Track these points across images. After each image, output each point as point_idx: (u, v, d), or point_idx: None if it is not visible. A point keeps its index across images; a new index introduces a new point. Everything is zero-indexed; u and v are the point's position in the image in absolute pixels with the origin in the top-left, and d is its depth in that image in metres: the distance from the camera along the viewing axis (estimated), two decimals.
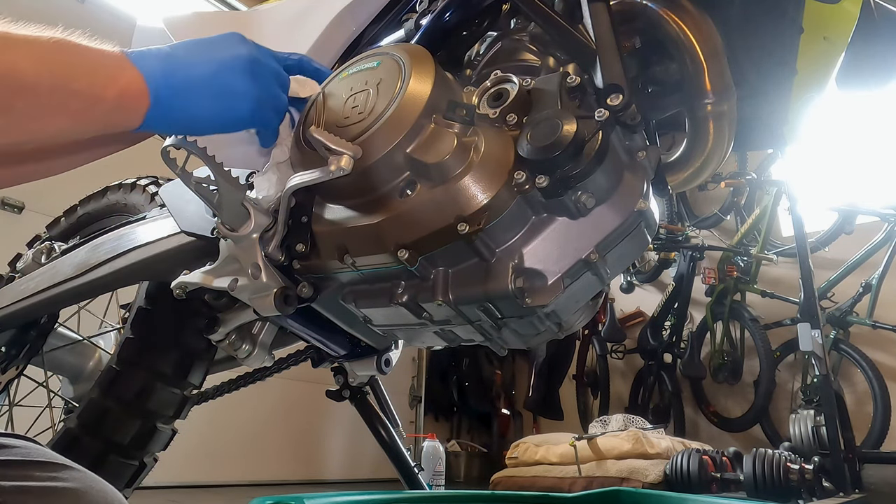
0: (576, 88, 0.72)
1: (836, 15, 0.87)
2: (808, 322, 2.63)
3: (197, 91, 0.65)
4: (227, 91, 0.68)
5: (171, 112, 0.64)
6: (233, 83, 0.68)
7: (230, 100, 0.68)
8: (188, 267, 0.89)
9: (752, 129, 0.97)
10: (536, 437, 3.38)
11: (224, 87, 0.68)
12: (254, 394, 1.99)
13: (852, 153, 4.15)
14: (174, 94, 0.64)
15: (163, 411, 1.21)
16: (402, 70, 0.74)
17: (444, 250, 0.70)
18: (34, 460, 0.56)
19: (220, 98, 0.67)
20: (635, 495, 1.17)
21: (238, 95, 0.69)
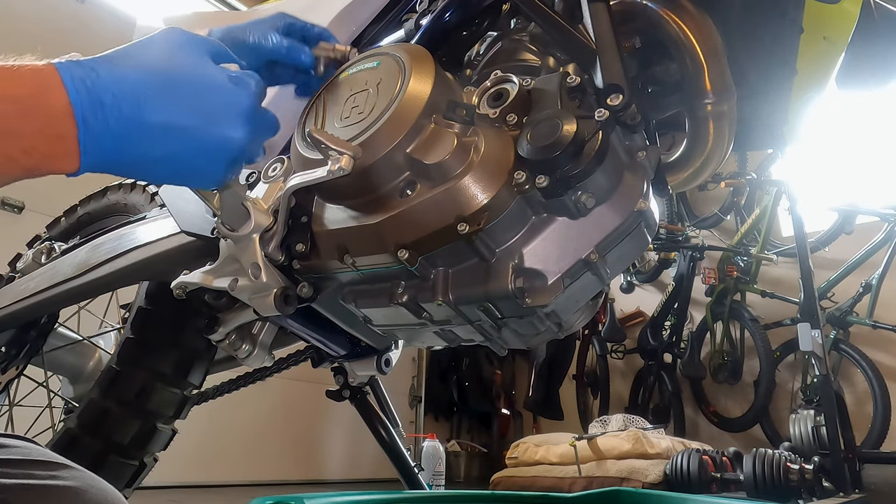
0: (576, 88, 0.72)
1: (836, 15, 0.87)
2: (808, 322, 2.63)
3: (148, 148, 0.52)
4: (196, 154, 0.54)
5: (110, 166, 0.51)
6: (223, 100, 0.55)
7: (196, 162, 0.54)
8: (188, 267, 0.89)
9: (752, 129, 0.97)
10: (536, 437, 3.38)
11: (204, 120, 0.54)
12: (254, 394, 1.99)
13: (852, 153, 4.15)
14: (116, 154, 0.50)
15: (163, 411, 1.21)
16: (402, 70, 0.74)
17: (444, 250, 0.70)
18: (34, 459, 0.56)
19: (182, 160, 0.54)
20: (635, 495, 1.17)
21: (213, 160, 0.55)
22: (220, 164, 0.56)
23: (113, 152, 0.49)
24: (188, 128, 0.53)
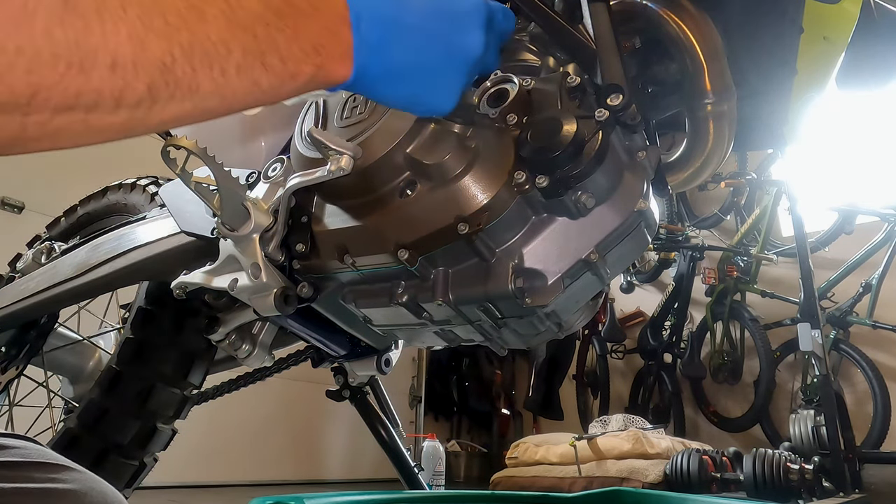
0: (576, 88, 0.72)
1: (836, 15, 0.87)
2: (808, 322, 2.63)
3: (408, 78, 0.54)
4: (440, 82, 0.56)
5: (368, 90, 0.53)
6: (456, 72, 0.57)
7: (439, 92, 0.57)
8: (188, 267, 0.89)
9: (752, 129, 0.96)
10: (536, 437, 3.38)
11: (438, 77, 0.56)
12: (254, 394, 1.99)
13: (852, 153, 4.15)
14: (381, 79, 0.53)
15: (163, 411, 1.21)
16: None
17: (444, 250, 0.70)
18: (34, 461, 0.55)
19: (428, 89, 0.56)
20: (635, 495, 1.17)
21: (451, 86, 0.58)
22: (462, 71, 0.58)
23: (373, 55, 0.51)
24: (437, 32, 0.55)
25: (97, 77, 0.36)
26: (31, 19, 0.33)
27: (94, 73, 0.36)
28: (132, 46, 0.37)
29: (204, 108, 0.42)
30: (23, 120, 0.36)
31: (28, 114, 0.35)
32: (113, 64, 0.36)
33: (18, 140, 0.37)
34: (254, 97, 0.45)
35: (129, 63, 0.37)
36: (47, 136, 0.38)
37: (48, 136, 0.38)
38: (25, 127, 0.36)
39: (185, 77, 0.40)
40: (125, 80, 0.37)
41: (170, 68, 0.38)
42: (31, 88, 0.34)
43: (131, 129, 0.41)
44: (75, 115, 0.37)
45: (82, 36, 0.35)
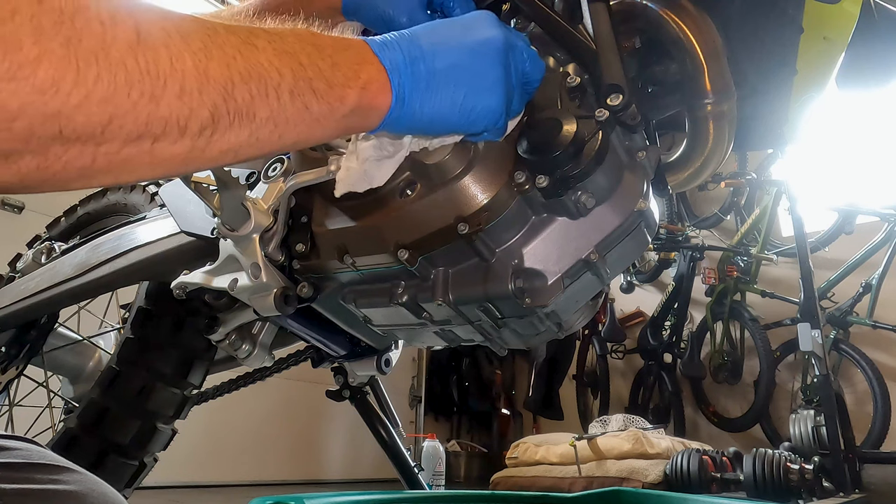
0: (576, 88, 0.72)
1: (836, 15, 0.87)
2: (808, 322, 2.63)
3: (441, 89, 0.56)
4: (475, 90, 0.58)
5: (412, 113, 0.55)
6: (484, 80, 0.58)
7: (477, 100, 0.58)
8: (188, 267, 0.89)
9: (752, 129, 0.96)
10: (536, 437, 3.38)
11: (473, 83, 0.58)
12: (254, 394, 1.99)
13: (852, 153, 4.15)
14: (415, 95, 0.54)
15: (163, 411, 1.21)
16: None
17: (444, 250, 0.70)
18: (35, 463, 0.55)
19: (466, 101, 0.57)
20: (635, 495, 1.17)
21: (486, 97, 0.58)
22: (499, 100, 0.60)
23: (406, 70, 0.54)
24: (468, 66, 0.58)
25: (166, 104, 0.38)
26: (109, 50, 0.36)
27: (163, 100, 0.38)
28: (197, 74, 0.39)
29: (259, 137, 0.45)
30: (95, 150, 0.37)
31: (101, 143, 0.37)
32: (181, 91, 0.39)
33: (86, 172, 0.39)
34: (306, 125, 0.47)
35: (195, 90, 0.39)
36: (114, 169, 0.39)
37: (115, 167, 0.39)
38: (96, 158, 0.38)
39: (244, 102, 0.42)
40: (191, 106, 0.39)
41: (231, 94, 0.41)
42: (107, 116, 0.36)
43: (190, 162, 0.43)
44: (143, 144, 0.39)
45: (153, 65, 0.37)
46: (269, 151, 0.47)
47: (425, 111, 0.55)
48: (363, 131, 0.55)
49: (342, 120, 0.50)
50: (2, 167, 0.36)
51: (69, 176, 0.39)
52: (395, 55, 0.54)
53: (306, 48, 0.47)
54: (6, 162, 0.36)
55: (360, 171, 0.66)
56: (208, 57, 0.40)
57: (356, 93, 0.50)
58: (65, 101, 0.35)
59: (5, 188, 0.38)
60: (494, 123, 0.61)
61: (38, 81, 0.34)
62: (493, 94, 0.59)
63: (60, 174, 0.38)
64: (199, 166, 0.44)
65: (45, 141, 0.36)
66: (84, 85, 0.35)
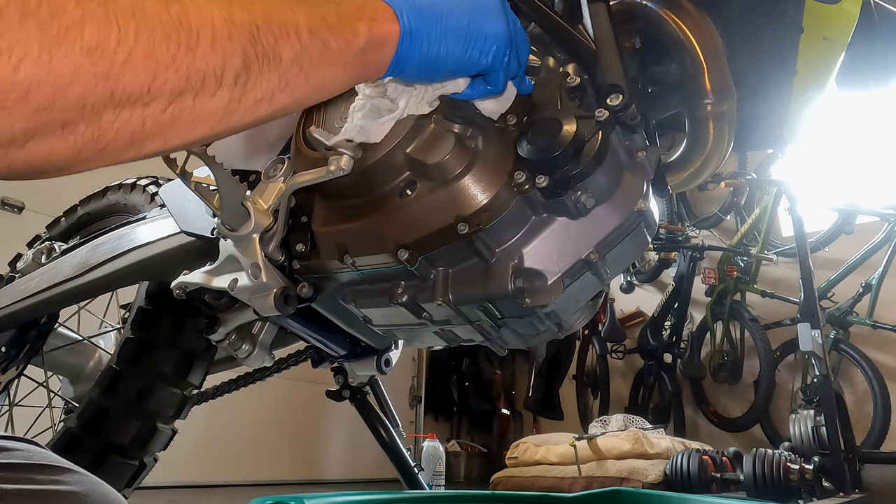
0: (576, 88, 0.72)
1: (836, 15, 0.87)
2: (808, 322, 2.62)
3: (445, 16, 0.57)
4: (479, 15, 0.59)
5: (420, 48, 0.56)
6: (485, 7, 0.60)
7: (482, 25, 0.59)
8: (188, 267, 0.89)
9: (752, 129, 0.97)
10: (536, 437, 3.38)
11: (476, 10, 0.59)
12: (254, 394, 1.99)
13: (852, 153, 4.15)
14: (422, 23, 0.55)
15: (163, 411, 1.21)
16: None
17: (444, 250, 0.70)
18: (36, 463, 0.55)
19: (472, 26, 0.59)
20: (635, 495, 1.17)
21: (490, 22, 0.60)
22: (504, 26, 0.61)
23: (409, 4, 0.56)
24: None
25: (201, 54, 0.40)
26: (143, 7, 0.37)
27: (198, 50, 0.39)
28: (224, 21, 0.41)
29: (287, 80, 0.46)
30: (143, 113, 0.39)
31: (148, 103, 0.39)
32: (212, 39, 0.40)
33: (137, 137, 0.40)
34: (327, 63, 0.49)
35: (224, 37, 0.41)
36: (162, 130, 0.41)
37: (163, 128, 0.41)
38: (145, 121, 0.39)
39: (270, 45, 0.44)
40: (224, 54, 0.41)
41: (257, 38, 0.43)
42: (151, 73, 0.38)
43: (230, 114, 0.44)
44: (185, 100, 0.40)
45: (184, 17, 0.39)
46: (299, 97, 0.48)
47: (433, 39, 0.57)
48: (380, 69, 0.55)
49: (359, 55, 0.52)
50: (59, 140, 0.37)
51: (121, 143, 0.39)
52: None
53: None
54: (63, 133, 0.37)
55: (355, 125, 0.68)
56: (230, 4, 0.42)
57: (366, 25, 0.51)
58: (112, 59, 0.36)
59: (61, 164, 0.39)
60: (503, 54, 0.61)
61: (84, 43, 0.34)
62: (498, 19, 0.61)
63: (113, 143, 0.39)
64: (239, 119, 0.45)
65: (98, 107, 0.37)
66: (126, 42, 0.36)
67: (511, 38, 0.62)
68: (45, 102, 0.34)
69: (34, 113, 0.35)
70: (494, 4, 0.62)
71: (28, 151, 0.36)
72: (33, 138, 0.36)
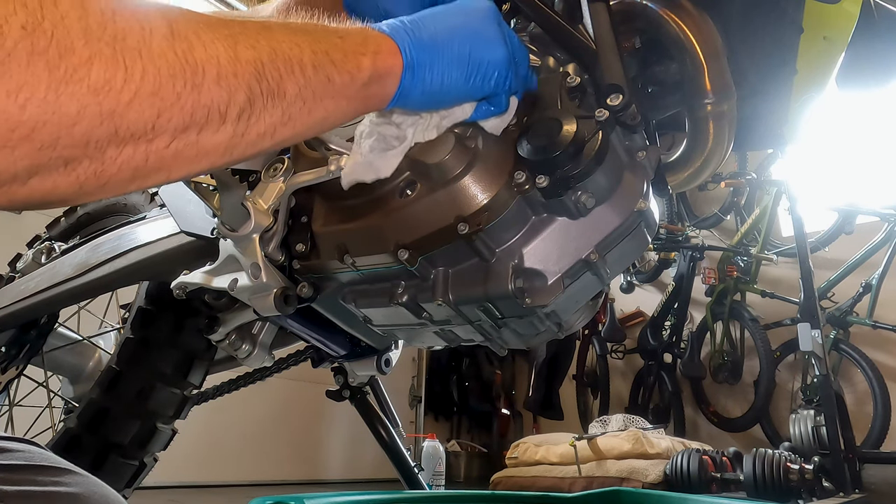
0: (576, 88, 0.72)
1: (835, 15, 0.87)
2: (808, 322, 2.63)
3: (446, 48, 0.58)
4: (479, 44, 0.60)
5: (423, 80, 0.56)
6: (484, 35, 0.61)
7: (483, 53, 0.60)
8: (188, 267, 0.89)
9: (752, 129, 0.96)
10: (536, 437, 3.38)
11: (476, 39, 0.60)
12: (254, 394, 1.99)
13: (852, 153, 4.15)
14: (424, 55, 0.56)
15: (163, 411, 1.21)
16: None
17: (444, 250, 0.70)
18: (36, 465, 0.55)
19: (473, 55, 0.60)
20: (635, 495, 1.17)
21: (490, 50, 0.61)
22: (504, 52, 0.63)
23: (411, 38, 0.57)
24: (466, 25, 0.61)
25: (206, 91, 0.40)
26: (150, 46, 0.37)
27: (203, 87, 0.40)
28: (229, 59, 0.41)
29: (290, 115, 0.46)
30: (147, 148, 0.39)
31: (152, 140, 0.39)
32: (218, 76, 0.40)
33: (139, 172, 0.40)
34: (331, 97, 0.49)
35: (230, 73, 0.41)
36: (164, 165, 0.41)
37: (166, 164, 0.41)
38: (148, 156, 0.39)
39: (274, 81, 0.44)
40: (229, 91, 0.41)
41: (262, 75, 0.43)
42: (156, 111, 0.38)
43: (232, 149, 0.44)
44: (189, 136, 0.40)
45: (189, 55, 0.39)
46: (301, 130, 0.49)
47: (436, 71, 0.57)
48: (383, 101, 0.56)
49: (363, 89, 0.52)
50: (62, 176, 0.37)
51: (123, 177, 0.40)
52: (395, 24, 0.57)
53: (316, 27, 0.50)
54: (66, 170, 0.37)
55: (365, 162, 0.67)
56: (236, 42, 0.42)
57: (370, 59, 0.52)
58: (118, 98, 0.36)
59: (63, 198, 0.39)
60: (505, 78, 0.62)
61: (92, 82, 0.35)
62: (497, 45, 0.61)
63: (115, 177, 0.39)
64: (241, 153, 0.45)
65: (102, 143, 0.37)
66: (133, 81, 0.36)
67: (511, 59, 0.63)
68: (49, 141, 0.35)
69: (38, 151, 0.35)
70: (493, 31, 0.62)
71: (30, 187, 0.36)
72: (36, 175, 0.36)
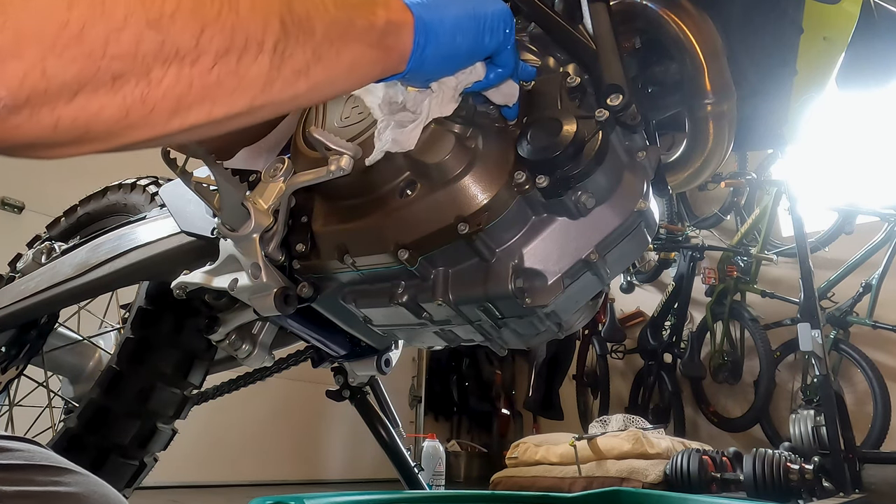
0: (576, 89, 0.72)
1: (835, 15, 0.87)
2: (808, 322, 2.62)
3: (451, 5, 0.60)
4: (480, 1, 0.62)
5: (436, 39, 0.58)
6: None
7: (486, 6, 0.62)
8: (188, 267, 0.89)
9: (752, 129, 0.96)
10: (536, 437, 3.38)
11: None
12: (254, 394, 1.99)
13: (852, 153, 4.15)
14: (432, 13, 0.58)
15: (163, 411, 1.21)
16: None
17: (444, 250, 0.70)
18: (36, 464, 0.55)
19: (477, 9, 0.61)
20: (635, 495, 1.17)
21: (492, 4, 0.63)
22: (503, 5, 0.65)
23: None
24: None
25: (244, 15, 0.40)
26: None
27: (240, 9, 0.40)
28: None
29: (321, 54, 0.47)
30: (190, 72, 0.39)
31: (196, 60, 0.39)
32: (252, 1, 0.41)
33: (183, 102, 0.40)
34: (355, 41, 0.50)
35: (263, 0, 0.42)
36: (208, 95, 0.41)
37: (208, 93, 0.41)
38: (192, 81, 0.39)
39: (303, 14, 0.45)
40: (264, 17, 0.42)
41: (291, 7, 0.44)
42: (199, 25, 0.38)
43: (271, 84, 0.44)
44: (230, 61, 0.40)
45: None
46: (333, 74, 0.49)
47: (446, 28, 0.59)
48: (402, 59, 0.56)
49: (382, 38, 0.53)
50: (108, 96, 0.36)
51: (168, 106, 0.39)
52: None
53: None
54: (112, 87, 0.36)
55: (385, 138, 0.68)
56: None
57: (383, 9, 0.54)
58: (161, 9, 0.36)
59: (110, 128, 0.38)
60: (510, 32, 0.64)
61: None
62: (495, 7, 0.63)
63: (161, 105, 0.39)
64: (279, 91, 0.45)
65: (148, 59, 0.37)
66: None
67: (510, 11, 0.65)
68: (97, 45, 0.34)
69: (86, 58, 0.34)
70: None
71: (77, 107, 0.36)
72: (82, 90, 0.35)
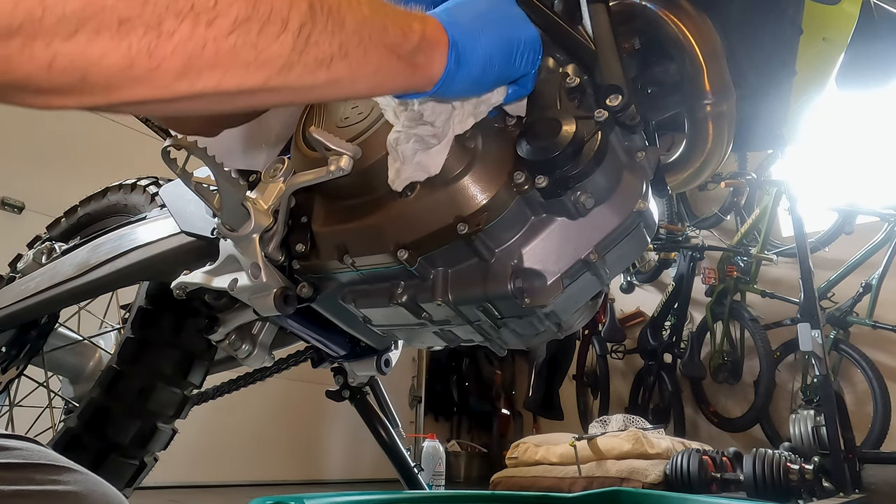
0: (575, 89, 0.72)
1: (835, 16, 0.87)
2: (808, 322, 2.62)
3: (485, 33, 0.59)
4: (513, 26, 0.62)
5: (469, 60, 0.57)
6: (515, 16, 0.63)
7: (519, 34, 0.62)
8: (188, 267, 0.89)
9: (751, 129, 0.96)
10: (536, 437, 3.38)
11: (509, 21, 0.62)
12: (254, 394, 1.99)
13: (852, 153, 4.15)
14: (467, 38, 0.57)
15: (163, 411, 1.21)
16: None
17: (443, 250, 0.70)
18: (35, 463, 0.55)
19: (512, 37, 0.61)
20: (635, 495, 1.17)
21: (524, 29, 0.63)
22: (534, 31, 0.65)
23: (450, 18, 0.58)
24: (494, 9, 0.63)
25: None
26: None
27: None
28: None
29: (348, 50, 0.45)
30: (205, 33, 0.36)
31: (212, 20, 0.36)
32: None
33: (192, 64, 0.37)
34: (385, 49, 0.49)
35: None
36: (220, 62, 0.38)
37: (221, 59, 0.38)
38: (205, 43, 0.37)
39: (334, 3, 0.44)
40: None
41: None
42: None
43: (290, 67, 0.42)
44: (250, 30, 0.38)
45: None
46: (356, 74, 0.47)
47: (479, 56, 0.58)
48: (430, 80, 0.55)
49: (413, 53, 0.52)
50: (112, 41, 0.33)
51: (176, 65, 0.36)
52: (433, 11, 0.58)
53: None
54: (118, 31, 0.33)
55: (414, 163, 0.68)
56: None
57: (420, 24, 0.52)
58: None
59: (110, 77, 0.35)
60: (535, 58, 0.64)
61: None
62: (528, 24, 0.64)
63: (168, 62, 0.36)
64: (297, 77, 0.43)
65: (160, 8, 0.34)
66: None
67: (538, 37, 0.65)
68: None
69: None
70: (519, 11, 0.64)
71: (75, 46, 0.32)
72: (83, 28, 0.32)
